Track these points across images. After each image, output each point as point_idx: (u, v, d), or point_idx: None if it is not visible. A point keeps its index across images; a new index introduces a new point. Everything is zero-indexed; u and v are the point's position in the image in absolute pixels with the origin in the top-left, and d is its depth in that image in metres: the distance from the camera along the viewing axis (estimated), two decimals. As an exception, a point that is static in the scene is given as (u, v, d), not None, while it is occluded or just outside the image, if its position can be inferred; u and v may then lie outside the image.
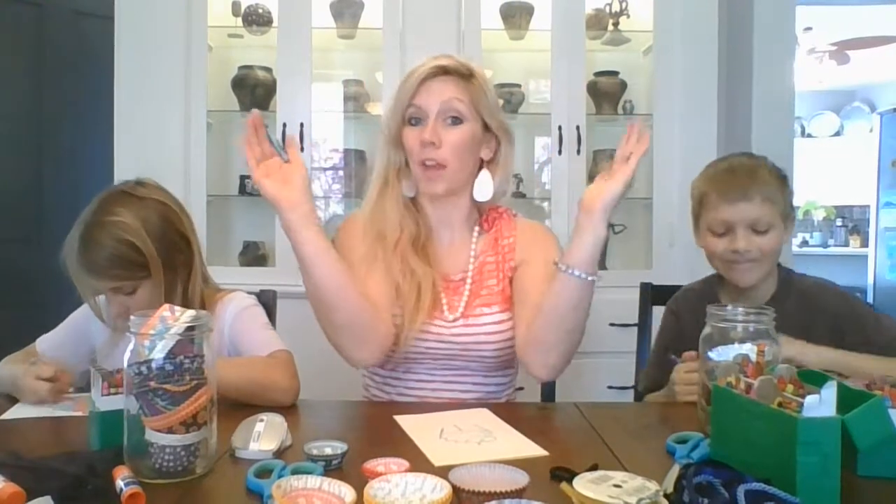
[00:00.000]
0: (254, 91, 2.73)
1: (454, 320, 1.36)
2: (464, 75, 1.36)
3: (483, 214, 1.47)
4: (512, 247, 1.43)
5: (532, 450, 1.04)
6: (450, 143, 1.34)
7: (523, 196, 2.84)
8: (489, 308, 1.38)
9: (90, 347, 1.45)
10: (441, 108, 1.33)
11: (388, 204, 1.39)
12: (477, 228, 1.46)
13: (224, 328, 1.37)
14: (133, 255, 1.29)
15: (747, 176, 1.41)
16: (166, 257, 1.32)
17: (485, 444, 1.06)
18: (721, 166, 1.47)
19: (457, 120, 1.35)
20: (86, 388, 1.29)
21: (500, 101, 1.89)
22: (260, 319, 1.42)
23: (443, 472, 0.83)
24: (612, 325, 2.36)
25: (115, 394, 0.98)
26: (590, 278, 1.23)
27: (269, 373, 1.27)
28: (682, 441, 1.02)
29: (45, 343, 1.45)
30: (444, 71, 1.35)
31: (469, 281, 1.41)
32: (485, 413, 1.20)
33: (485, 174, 1.42)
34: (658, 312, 1.63)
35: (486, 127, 1.39)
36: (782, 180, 1.44)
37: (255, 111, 1.19)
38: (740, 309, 1.12)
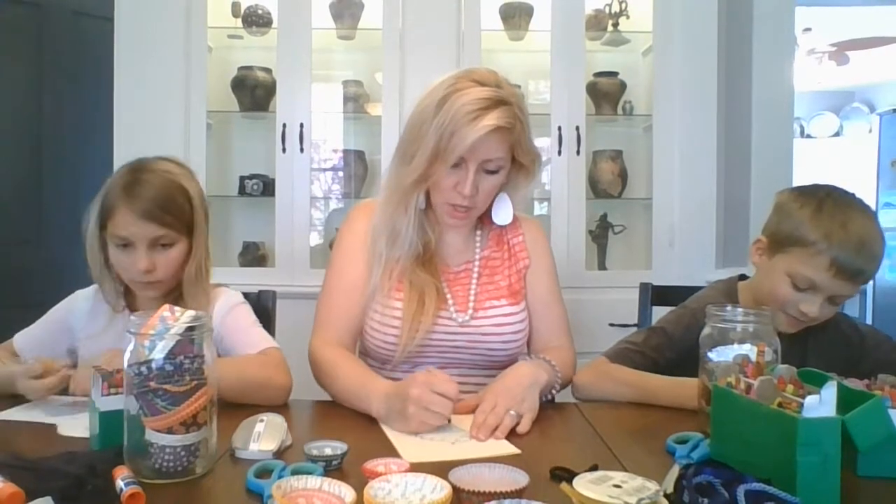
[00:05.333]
0: (253, 92, 2.73)
1: (464, 316, 1.38)
2: (510, 126, 1.29)
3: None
4: (522, 246, 1.48)
5: (504, 449, 1.05)
6: (484, 191, 1.35)
7: (523, 196, 2.84)
8: (497, 301, 1.41)
9: (70, 344, 1.42)
10: (482, 162, 1.31)
11: (400, 223, 1.37)
12: (478, 222, 1.48)
13: (218, 320, 1.37)
14: (184, 203, 1.32)
15: (870, 260, 1.26)
16: (202, 221, 1.36)
17: (459, 443, 1.07)
18: (853, 230, 1.25)
19: (493, 171, 1.33)
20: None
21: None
22: (249, 317, 1.43)
23: (439, 471, 0.83)
24: (611, 325, 2.36)
25: (116, 394, 0.98)
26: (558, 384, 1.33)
27: (264, 371, 1.27)
28: (682, 441, 1.02)
29: (23, 339, 1.42)
30: (494, 127, 1.26)
31: (475, 274, 1.43)
32: (467, 416, 1.19)
33: (504, 200, 1.42)
34: (658, 312, 1.62)
35: (514, 158, 1.36)
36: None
37: None
38: (740, 309, 1.12)
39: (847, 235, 1.25)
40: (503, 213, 1.43)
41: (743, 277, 1.49)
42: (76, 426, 1.10)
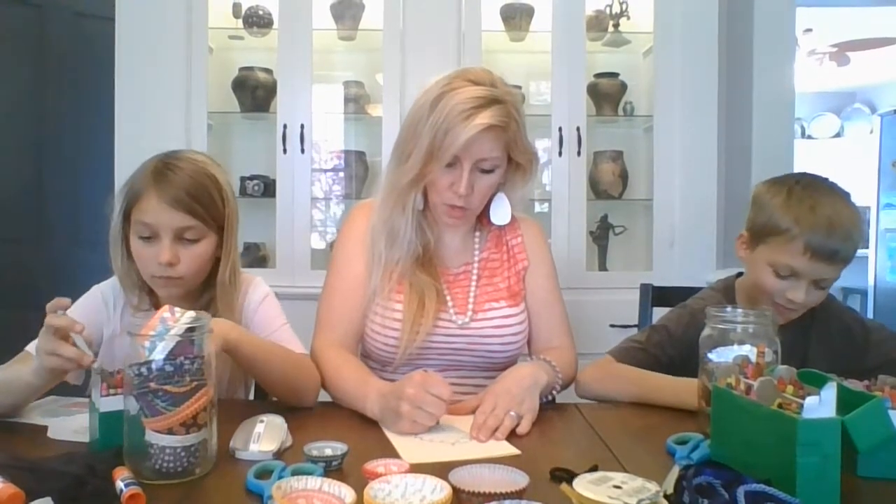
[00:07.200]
0: (254, 92, 2.73)
1: (463, 319, 1.38)
2: (504, 125, 1.29)
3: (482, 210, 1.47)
4: (521, 247, 1.48)
5: (504, 449, 1.05)
6: (479, 190, 1.35)
7: (523, 197, 2.84)
8: (497, 303, 1.41)
9: (96, 347, 1.37)
10: (477, 161, 1.32)
11: (398, 223, 1.37)
12: (477, 224, 1.48)
13: (249, 314, 1.35)
14: (214, 194, 1.25)
15: (843, 239, 1.27)
16: (234, 218, 1.30)
17: (459, 444, 1.07)
18: (822, 212, 1.27)
19: (489, 170, 1.34)
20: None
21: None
22: (280, 315, 1.39)
23: (439, 472, 0.83)
24: (612, 325, 2.36)
25: (115, 394, 0.98)
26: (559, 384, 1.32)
27: (302, 379, 1.26)
28: (683, 442, 1.02)
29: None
30: (488, 126, 1.27)
31: (475, 277, 1.43)
32: (467, 417, 1.19)
33: (502, 200, 1.42)
34: (659, 313, 1.62)
35: (511, 158, 1.37)
36: (862, 237, 1.34)
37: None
38: (740, 310, 1.12)
39: (816, 218, 1.27)
40: (501, 213, 1.43)
41: (741, 276, 1.50)
42: (65, 430, 1.09)
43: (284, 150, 2.59)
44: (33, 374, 1.08)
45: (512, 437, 1.11)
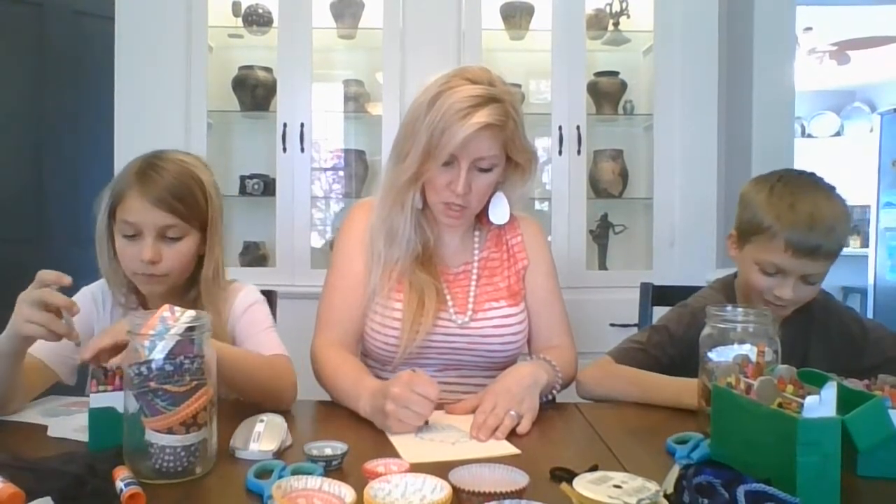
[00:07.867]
0: (254, 91, 2.73)
1: (463, 318, 1.38)
2: (502, 124, 1.29)
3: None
4: (521, 246, 1.48)
5: (504, 449, 1.05)
6: (477, 189, 1.34)
7: (523, 196, 2.84)
8: (497, 303, 1.41)
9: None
10: (475, 160, 1.31)
11: (397, 222, 1.37)
12: (477, 223, 1.48)
13: (235, 319, 1.35)
14: (197, 193, 1.26)
15: (825, 234, 1.27)
16: (218, 216, 1.30)
17: (459, 444, 1.07)
18: (802, 208, 1.28)
19: (487, 169, 1.34)
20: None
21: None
22: (265, 320, 1.38)
23: (439, 471, 0.83)
24: (612, 325, 2.36)
25: (104, 391, 0.98)
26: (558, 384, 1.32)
27: (276, 382, 1.24)
28: (683, 441, 1.02)
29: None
30: (485, 124, 1.26)
31: (475, 276, 1.43)
32: (467, 417, 1.19)
33: (501, 199, 1.42)
34: (659, 312, 1.62)
35: (509, 157, 1.37)
36: (849, 230, 1.34)
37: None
38: (740, 310, 1.12)
39: (796, 215, 1.28)
40: (499, 212, 1.42)
41: None
42: (65, 428, 1.09)
43: (284, 149, 2.59)
44: (5, 340, 1.10)
45: (512, 436, 1.11)
